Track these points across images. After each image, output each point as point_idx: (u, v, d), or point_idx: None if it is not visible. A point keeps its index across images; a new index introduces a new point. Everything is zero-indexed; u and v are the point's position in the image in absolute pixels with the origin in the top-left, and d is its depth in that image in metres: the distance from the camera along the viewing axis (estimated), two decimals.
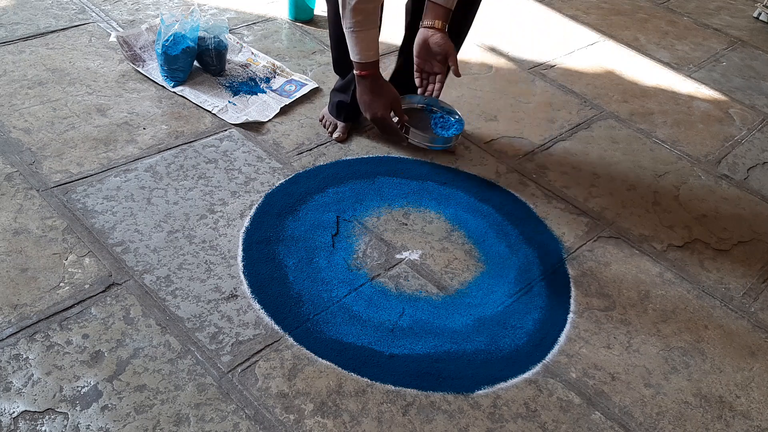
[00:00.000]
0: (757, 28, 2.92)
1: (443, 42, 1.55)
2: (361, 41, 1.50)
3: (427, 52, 1.58)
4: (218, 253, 1.45)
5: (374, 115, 1.61)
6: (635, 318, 1.48)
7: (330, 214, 1.60)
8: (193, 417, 1.15)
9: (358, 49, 1.51)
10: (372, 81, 1.56)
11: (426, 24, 1.56)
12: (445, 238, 1.59)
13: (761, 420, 1.31)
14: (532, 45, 2.48)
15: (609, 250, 1.64)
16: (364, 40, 1.50)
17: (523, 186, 1.80)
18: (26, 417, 1.11)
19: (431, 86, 1.64)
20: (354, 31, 1.48)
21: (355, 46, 1.51)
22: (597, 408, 1.28)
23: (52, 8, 2.18)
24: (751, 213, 1.85)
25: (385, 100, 1.59)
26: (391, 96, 1.59)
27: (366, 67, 1.54)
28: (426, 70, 1.63)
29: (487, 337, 1.38)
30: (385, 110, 1.58)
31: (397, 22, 2.51)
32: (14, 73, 1.87)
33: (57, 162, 1.61)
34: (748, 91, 2.42)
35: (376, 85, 1.57)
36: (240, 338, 1.29)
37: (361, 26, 1.47)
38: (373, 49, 1.52)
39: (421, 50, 1.59)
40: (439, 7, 1.54)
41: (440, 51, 1.56)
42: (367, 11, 1.45)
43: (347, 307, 1.39)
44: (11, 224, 1.44)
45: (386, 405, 1.23)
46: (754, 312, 1.55)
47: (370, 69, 1.54)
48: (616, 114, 2.17)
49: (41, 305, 1.29)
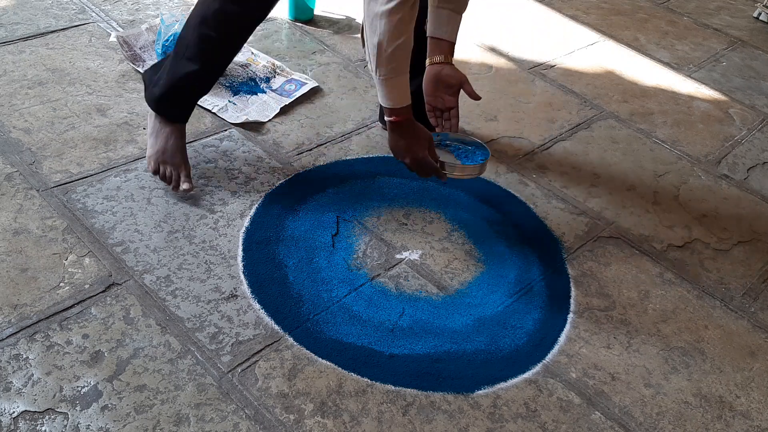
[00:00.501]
0: (757, 28, 2.92)
1: (455, 73, 1.55)
2: (396, 87, 1.39)
3: (438, 88, 1.55)
4: (218, 253, 1.45)
5: (416, 158, 1.46)
6: (635, 318, 1.48)
7: (330, 214, 1.60)
8: (193, 417, 1.15)
9: (392, 95, 1.40)
10: (408, 124, 1.44)
11: (435, 60, 1.54)
12: (445, 238, 1.59)
13: (761, 420, 1.31)
14: (532, 45, 2.48)
15: (609, 250, 1.64)
16: (398, 85, 1.39)
17: (523, 186, 1.80)
18: (26, 417, 1.11)
19: (447, 122, 1.60)
20: (388, 78, 1.37)
21: (389, 93, 1.40)
22: (597, 408, 1.28)
23: (52, 8, 2.18)
24: (751, 213, 1.85)
25: (423, 141, 1.46)
26: (428, 135, 1.48)
27: (401, 112, 1.42)
28: (438, 107, 1.58)
29: (487, 337, 1.38)
30: (425, 151, 1.47)
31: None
32: (14, 73, 1.87)
33: (57, 162, 1.61)
34: (748, 91, 2.42)
35: (412, 128, 1.45)
36: (240, 338, 1.29)
37: (395, 73, 1.36)
38: (407, 92, 1.42)
39: (433, 87, 1.54)
40: (444, 42, 1.54)
41: (455, 83, 1.55)
42: (404, 57, 1.36)
43: (347, 307, 1.39)
44: (11, 224, 1.44)
45: (386, 405, 1.23)
46: (754, 312, 1.55)
47: (405, 114, 1.43)
48: (616, 114, 2.17)
49: (41, 305, 1.29)
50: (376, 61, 1.34)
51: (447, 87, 1.56)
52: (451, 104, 1.59)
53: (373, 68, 1.36)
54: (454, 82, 1.55)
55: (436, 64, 1.54)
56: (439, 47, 1.54)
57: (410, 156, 1.46)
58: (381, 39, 1.30)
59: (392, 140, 1.46)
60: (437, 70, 1.54)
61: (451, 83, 1.55)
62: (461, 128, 1.75)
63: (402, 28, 1.30)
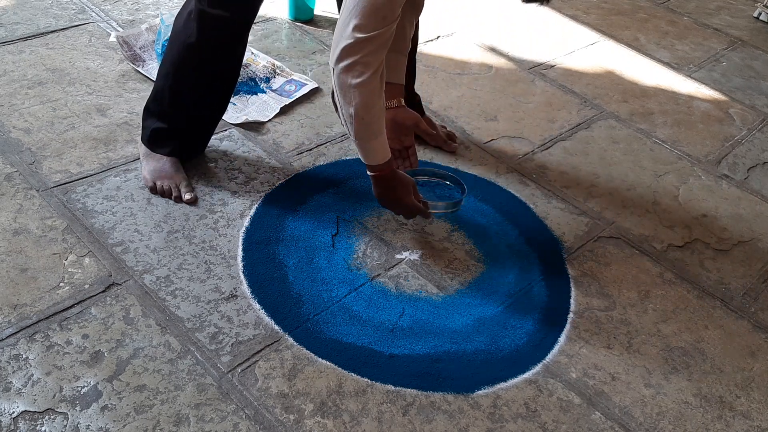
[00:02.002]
0: (757, 28, 2.92)
1: (410, 114, 1.68)
2: (376, 146, 1.42)
3: (395, 130, 1.63)
4: (218, 253, 1.45)
5: (402, 205, 1.49)
6: (635, 318, 1.48)
7: (330, 214, 1.60)
8: (193, 417, 1.15)
9: (373, 154, 1.43)
10: (391, 176, 1.46)
11: (390, 105, 1.63)
12: (445, 238, 1.59)
13: (761, 420, 1.31)
14: (532, 45, 2.48)
15: (609, 250, 1.64)
16: (378, 145, 1.42)
17: (523, 186, 1.80)
18: (26, 417, 1.11)
19: (406, 161, 1.68)
20: (368, 141, 1.40)
21: (369, 153, 1.43)
22: (597, 408, 1.28)
23: (52, 8, 2.17)
24: (751, 213, 1.85)
25: (408, 187, 1.49)
26: (410, 181, 1.50)
27: (383, 167, 1.44)
28: (397, 148, 1.65)
29: (487, 337, 1.38)
30: (410, 197, 1.49)
31: None
32: (14, 73, 1.87)
33: (57, 162, 1.61)
34: (748, 91, 2.42)
35: (396, 179, 1.47)
36: (240, 338, 1.29)
37: (375, 135, 1.39)
38: (386, 148, 1.43)
39: (390, 131, 1.57)
40: (396, 86, 1.64)
41: (411, 124, 1.67)
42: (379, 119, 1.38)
43: (347, 307, 1.39)
44: (11, 224, 1.44)
45: (386, 405, 1.22)
46: (754, 312, 1.55)
47: (387, 167, 1.44)
48: (616, 114, 2.17)
49: (41, 305, 1.29)
50: (355, 128, 1.37)
51: (404, 128, 1.66)
52: (409, 143, 1.68)
53: (351, 134, 1.40)
54: (410, 123, 1.67)
55: (392, 109, 1.63)
56: (391, 92, 1.63)
57: (398, 205, 1.50)
58: (357, 109, 1.33)
59: (378, 192, 1.50)
60: (393, 114, 1.63)
61: (407, 125, 1.67)
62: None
63: (374, 97, 1.34)
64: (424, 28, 2.47)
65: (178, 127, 1.58)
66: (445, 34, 2.46)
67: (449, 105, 2.07)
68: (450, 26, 2.51)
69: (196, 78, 1.54)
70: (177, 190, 1.57)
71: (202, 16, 1.45)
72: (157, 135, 1.58)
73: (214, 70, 1.54)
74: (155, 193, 1.57)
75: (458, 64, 2.29)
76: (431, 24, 2.50)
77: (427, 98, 2.07)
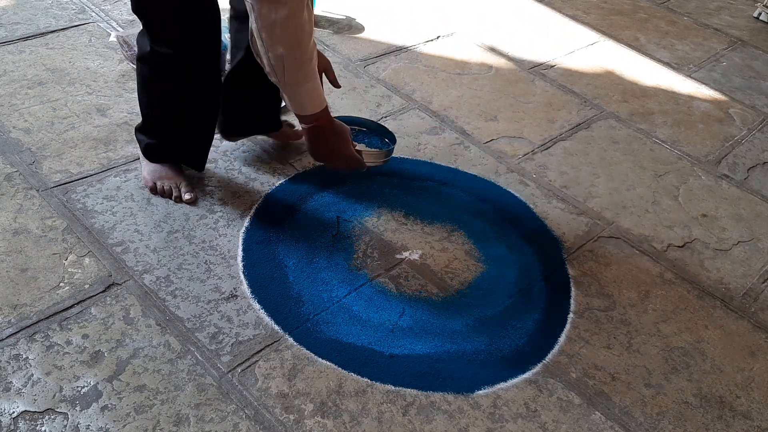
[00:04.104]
0: (757, 28, 2.92)
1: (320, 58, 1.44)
2: (311, 92, 1.32)
3: None
4: (218, 253, 1.45)
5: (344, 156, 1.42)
6: (635, 318, 1.48)
7: (330, 214, 1.60)
8: (193, 417, 1.15)
9: (310, 101, 1.33)
10: (330, 125, 1.38)
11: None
12: (445, 238, 1.59)
13: (761, 420, 1.31)
14: (532, 45, 2.48)
15: (609, 250, 1.64)
16: (313, 90, 1.32)
17: (523, 186, 1.79)
18: (26, 417, 1.11)
19: None
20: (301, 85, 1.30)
21: (306, 100, 1.33)
22: (597, 408, 1.28)
23: (52, 8, 2.17)
24: (751, 213, 1.85)
25: (346, 135, 1.41)
26: (347, 129, 1.42)
27: (321, 115, 1.35)
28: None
29: (487, 337, 1.38)
30: (350, 146, 1.43)
31: (387, 20, 2.51)
32: (14, 73, 1.87)
33: (57, 162, 1.61)
34: (749, 91, 2.42)
35: (333, 127, 1.39)
36: (240, 338, 1.29)
37: (307, 78, 1.29)
38: (322, 94, 1.35)
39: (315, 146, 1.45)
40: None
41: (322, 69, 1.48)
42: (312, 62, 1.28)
43: (347, 307, 1.39)
44: (11, 224, 1.44)
45: (386, 405, 1.22)
46: (754, 312, 1.55)
47: (325, 115, 1.36)
48: (616, 114, 2.17)
49: (41, 305, 1.29)
50: (286, 72, 1.25)
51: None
52: None
53: (281, 80, 1.28)
54: (321, 68, 1.47)
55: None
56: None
57: (336, 157, 1.41)
58: (287, 48, 1.21)
59: (316, 146, 1.39)
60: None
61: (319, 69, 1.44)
62: None
63: (305, 32, 1.22)
64: (425, 28, 2.47)
65: (170, 143, 1.55)
66: (445, 34, 2.46)
67: (449, 105, 2.07)
68: (450, 26, 2.51)
69: (172, 96, 1.47)
70: (177, 190, 1.56)
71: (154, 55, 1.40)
72: (151, 149, 1.56)
73: (190, 85, 1.46)
74: (155, 194, 1.56)
75: (458, 64, 2.29)
76: (431, 24, 2.50)
77: (427, 98, 2.07)
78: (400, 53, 2.29)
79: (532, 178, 1.83)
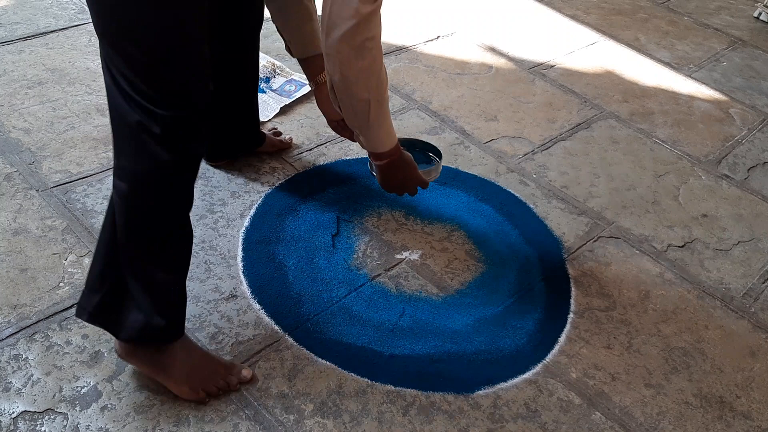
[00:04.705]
0: (758, 28, 2.92)
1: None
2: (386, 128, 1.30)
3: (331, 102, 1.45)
4: (218, 253, 1.45)
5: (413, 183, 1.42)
6: (635, 318, 1.48)
7: (330, 214, 1.60)
8: (192, 417, 1.15)
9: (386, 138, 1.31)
10: (400, 156, 1.36)
11: (321, 80, 1.48)
12: (445, 238, 1.59)
13: (762, 420, 1.31)
14: (532, 45, 2.48)
15: (609, 250, 1.64)
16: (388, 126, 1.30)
17: (523, 186, 1.79)
18: (26, 417, 1.11)
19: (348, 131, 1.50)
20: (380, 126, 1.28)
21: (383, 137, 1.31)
22: (597, 408, 1.28)
23: (52, 8, 2.17)
24: (751, 213, 1.85)
25: (414, 165, 1.40)
26: (411, 157, 1.40)
27: (394, 150, 1.33)
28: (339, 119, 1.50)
29: (487, 337, 1.38)
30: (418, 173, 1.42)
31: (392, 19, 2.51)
32: (14, 73, 1.87)
33: (57, 162, 1.60)
34: (749, 91, 2.42)
35: (404, 158, 1.37)
36: (240, 338, 1.29)
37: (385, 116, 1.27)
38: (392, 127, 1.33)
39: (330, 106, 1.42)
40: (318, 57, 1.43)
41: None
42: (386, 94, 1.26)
43: (347, 307, 1.39)
44: (11, 224, 1.44)
45: (386, 405, 1.22)
46: (755, 312, 1.55)
47: (397, 150, 1.34)
48: (617, 114, 2.17)
49: (41, 305, 1.29)
50: (371, 114, 1.23)
51: None
52: None
53: (365, 122, 1.25)
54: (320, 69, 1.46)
55: (323, 84, 1.46)
56: (317, 65, 1.46)
57: (406, 185, 1.41)
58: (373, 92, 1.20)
59: (391, 178, 1.39)
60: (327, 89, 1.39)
61: None
62: None
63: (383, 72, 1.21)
64: (425, 28, 2.47)
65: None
66: (445, 34, 2.46)
67: (449, 105, 2.07)
68: (450, 26, 2.51)
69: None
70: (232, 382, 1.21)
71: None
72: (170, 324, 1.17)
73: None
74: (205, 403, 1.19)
75: (458, 64, 2.29)
76: (431, 24, 2.50)
77: (427, 98, 2.07)
78: (400, 53, 2.29)
79: (532, 178, 1.83)
